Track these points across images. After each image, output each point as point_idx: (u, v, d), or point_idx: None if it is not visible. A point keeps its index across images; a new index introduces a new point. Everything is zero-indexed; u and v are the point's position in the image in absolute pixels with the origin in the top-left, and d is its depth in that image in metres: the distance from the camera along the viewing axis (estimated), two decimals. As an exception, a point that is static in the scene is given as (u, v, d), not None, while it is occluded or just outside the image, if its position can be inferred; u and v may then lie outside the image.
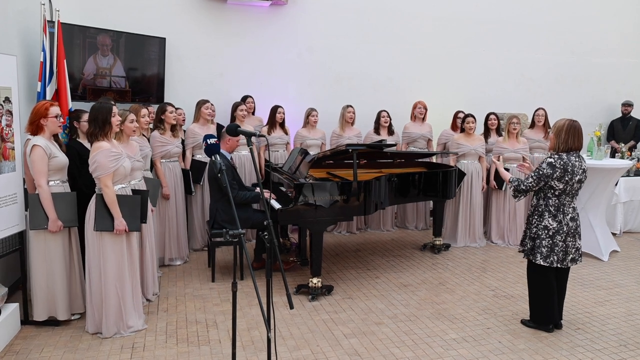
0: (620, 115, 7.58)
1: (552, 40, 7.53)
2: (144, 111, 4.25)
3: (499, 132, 5.95)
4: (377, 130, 6.05)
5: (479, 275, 4.71)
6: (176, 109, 4.94)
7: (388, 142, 5.19)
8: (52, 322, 3.49)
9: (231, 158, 4.56)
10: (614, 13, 7.78)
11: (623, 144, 6.63)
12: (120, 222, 3.29)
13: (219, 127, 5.46)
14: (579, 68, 7.73)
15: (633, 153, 6.44)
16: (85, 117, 4.10)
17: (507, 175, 3.65)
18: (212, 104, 5.26)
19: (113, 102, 3.64)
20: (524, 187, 3.41)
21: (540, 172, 3.31)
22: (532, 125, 6.08)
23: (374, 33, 6.73)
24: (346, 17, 6.61)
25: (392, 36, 6.81)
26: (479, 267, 4.96)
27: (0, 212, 3.24)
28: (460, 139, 5.65)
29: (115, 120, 3.37)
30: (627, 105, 7.47)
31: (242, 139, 4.77)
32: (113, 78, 5.40)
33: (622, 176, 5.85)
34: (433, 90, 6.86)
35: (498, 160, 3.97)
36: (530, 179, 3.36)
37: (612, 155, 6.27)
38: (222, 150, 4.47)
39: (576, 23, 7.59)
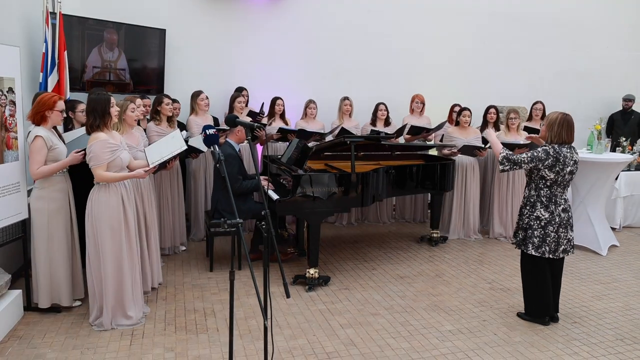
0: (620, 109, 7.53)
1: (553, 34, 7.49)
2: (138, 102, 4.08)
3: (497, 125, 5.95)
4: (373, 122, 6.06)
5: (475, 268, 4.75)
6: (173, 101, 4.93)
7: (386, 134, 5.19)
8: (54, 309, 3.54)
9: (239, 150, 4.57)
10: (617, 7, 7.73)
11: (624, 138, 6.61)
12: (137, 172, 3.38)
13: (214, 119, 5.49)
14: (581, 62, 7.69)
15: (634, 147, 6.42)
16: (80, 107, 4.10)
17: (499, 147, 3.59)
18: (206, 95, 5.27)
19: (108, 93, 3.64)
20: (514, 158, 3.41)
21: (535, 154, 3.36)
22: (530, 118, 6.07)
23: (373, 25, 6.71)
24: (346, 9, 6.58)
25: (391, 28, 6.79)
26: (475, 260, 4.99)
27: (3, 200, 3.29)
28: (454, 132, 5.64)
29: (114, 110, 3.39)
30: (628, 100, 7.41)
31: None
32: (114, 70, 5.43)
33: (623, 170, 5.85)
34: (433, 83, 6.85)
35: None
36: (524, 155, 3.40)
37: (613, 150, 6.26)
38: (230, 140, 4.49)
39: (578, 17, 7.54)
